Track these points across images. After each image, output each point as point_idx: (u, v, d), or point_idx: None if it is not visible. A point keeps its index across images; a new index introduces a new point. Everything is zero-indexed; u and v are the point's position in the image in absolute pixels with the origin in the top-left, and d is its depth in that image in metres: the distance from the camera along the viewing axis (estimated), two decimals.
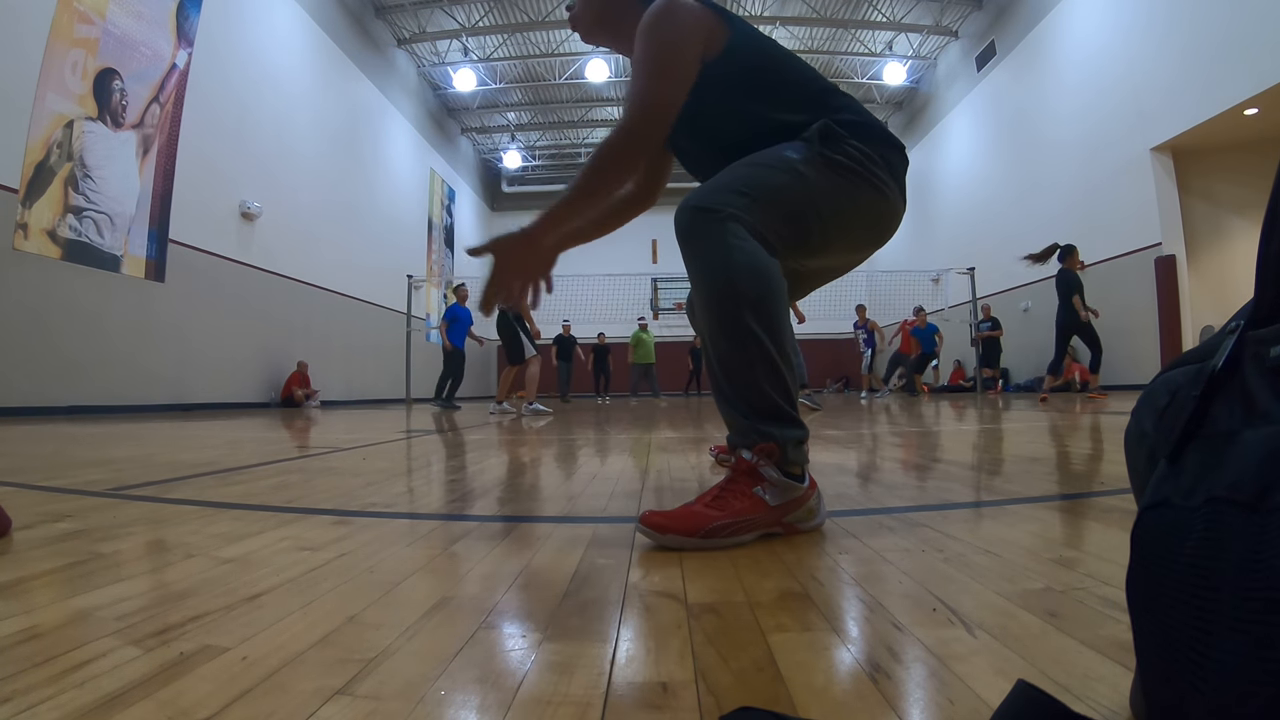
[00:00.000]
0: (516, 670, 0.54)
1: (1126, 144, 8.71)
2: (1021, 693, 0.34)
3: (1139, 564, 0.34)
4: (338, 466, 2.11)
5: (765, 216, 1.04)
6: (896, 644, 0.58)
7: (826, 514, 1.12)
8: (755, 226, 1.03)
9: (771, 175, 1.07)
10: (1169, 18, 7.97)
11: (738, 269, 1.00)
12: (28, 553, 0.96)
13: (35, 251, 5.84)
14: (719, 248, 1.01)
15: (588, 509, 1.33)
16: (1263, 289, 0.34)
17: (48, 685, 0.50)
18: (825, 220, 1.10)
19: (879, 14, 13.00)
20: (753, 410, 1.03)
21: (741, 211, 1.02)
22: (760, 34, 1.22)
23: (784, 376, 1.03)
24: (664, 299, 18.00)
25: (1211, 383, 0.34)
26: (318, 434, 3.78)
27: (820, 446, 2.52)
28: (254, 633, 0.62)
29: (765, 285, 1.01)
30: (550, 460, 2.29)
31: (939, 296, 12.93)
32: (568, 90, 15.98)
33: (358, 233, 11.53)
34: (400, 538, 1.06)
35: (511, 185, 19.51)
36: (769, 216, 1.04)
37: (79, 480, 1.75)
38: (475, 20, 13.03)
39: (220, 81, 8.14)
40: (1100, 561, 0.83)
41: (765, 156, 1.10)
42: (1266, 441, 0.29)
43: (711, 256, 1.02)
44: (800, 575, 0.81)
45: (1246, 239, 8.28)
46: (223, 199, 8.26)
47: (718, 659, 0.56)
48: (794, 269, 1.18)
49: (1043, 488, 1.49)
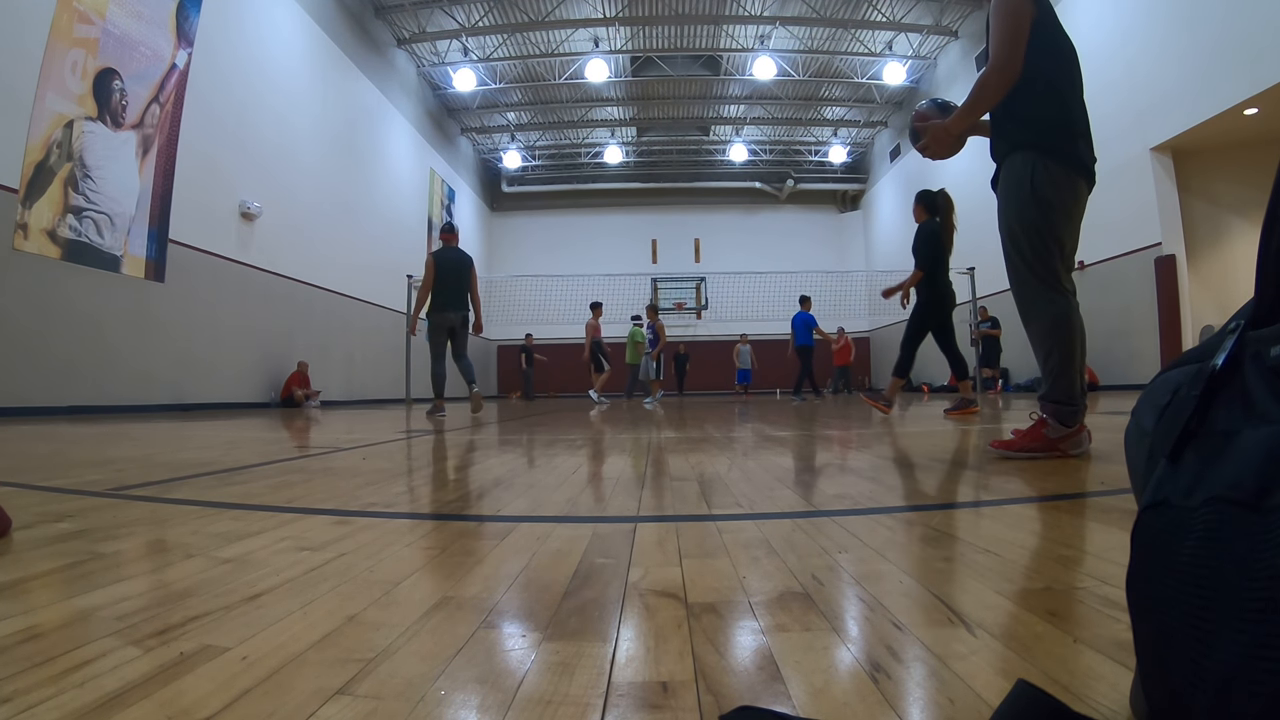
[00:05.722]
0: (516, 670, 0.54)
1: (1126, 144, 8.71)
2: (1021, 692, 0.34)
3: (1139, 564, 0.34)
4: (338, 466, 2.11)
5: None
6: (896, 644, 0.58)
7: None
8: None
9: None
10: (1169, 18, 7.97)
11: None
12: (28, 553, 0.96)
13: (35, 251, 5.83)
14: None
15: (587, 509, 1.33)
16: (1263, 289, 0.34)
17: (48, 685, 0.50)
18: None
19: (879, 14, 13.00)
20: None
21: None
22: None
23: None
24: (664, 299, 18.02)
25: (1211, 382, 0.34)
26: (318, 434, 3.78)
27: (821, 446, 2.52)
28: (254, 633, 0.62)
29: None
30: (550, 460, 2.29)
31: None
32: (567, 90, 15.98)
33: (358, 233, 11.54)
34: (400, 538, 1.06)
35: (511, 185, 19.52)
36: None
37: (79, 480, 1.75)
38: (475, 20, 13.03)
39: (220, 81, 8.14)
40: (1100, 561, 0.83)
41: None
42: (1266, 441, 0.29)
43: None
44: (800, 575, 0.81)
45: (1246, 239, 8.28)
46: (223, 199, 8.26)
47: (718, 659, 0.56)
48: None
49: (1043, 488, 1.49)
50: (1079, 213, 2.04)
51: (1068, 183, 1.97)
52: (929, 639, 0.59)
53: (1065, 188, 1.97)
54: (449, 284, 5.76)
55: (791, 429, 3.65)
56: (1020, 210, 2.00)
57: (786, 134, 18.38)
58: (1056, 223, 1.97)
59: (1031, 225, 1.98)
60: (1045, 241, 1.98)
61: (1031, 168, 1.98)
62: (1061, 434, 1.93)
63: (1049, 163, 1.97)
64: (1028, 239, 1.99)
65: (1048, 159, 1.97)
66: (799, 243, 19.32)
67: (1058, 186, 1.96)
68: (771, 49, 13.99)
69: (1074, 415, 1.94)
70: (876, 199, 18.57)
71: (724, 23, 13.37)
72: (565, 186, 19.53)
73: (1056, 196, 1.96)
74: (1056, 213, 1.97)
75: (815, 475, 1.83)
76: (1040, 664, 0.52)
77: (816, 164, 19.38)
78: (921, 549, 0.92)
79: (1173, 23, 7.92)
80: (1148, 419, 0.41)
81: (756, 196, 19.84)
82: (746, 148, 18.50)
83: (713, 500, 1.37)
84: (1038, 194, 1.97)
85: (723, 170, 19.71)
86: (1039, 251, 1.98)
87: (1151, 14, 8.25)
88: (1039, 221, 1.98)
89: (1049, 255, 1.98)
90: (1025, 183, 1.99)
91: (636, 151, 19.14)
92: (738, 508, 1.28)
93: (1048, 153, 1.98)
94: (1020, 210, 2.00)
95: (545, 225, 19.78)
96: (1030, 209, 1.98)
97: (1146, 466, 0.40)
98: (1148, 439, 0.40)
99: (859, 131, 18.04)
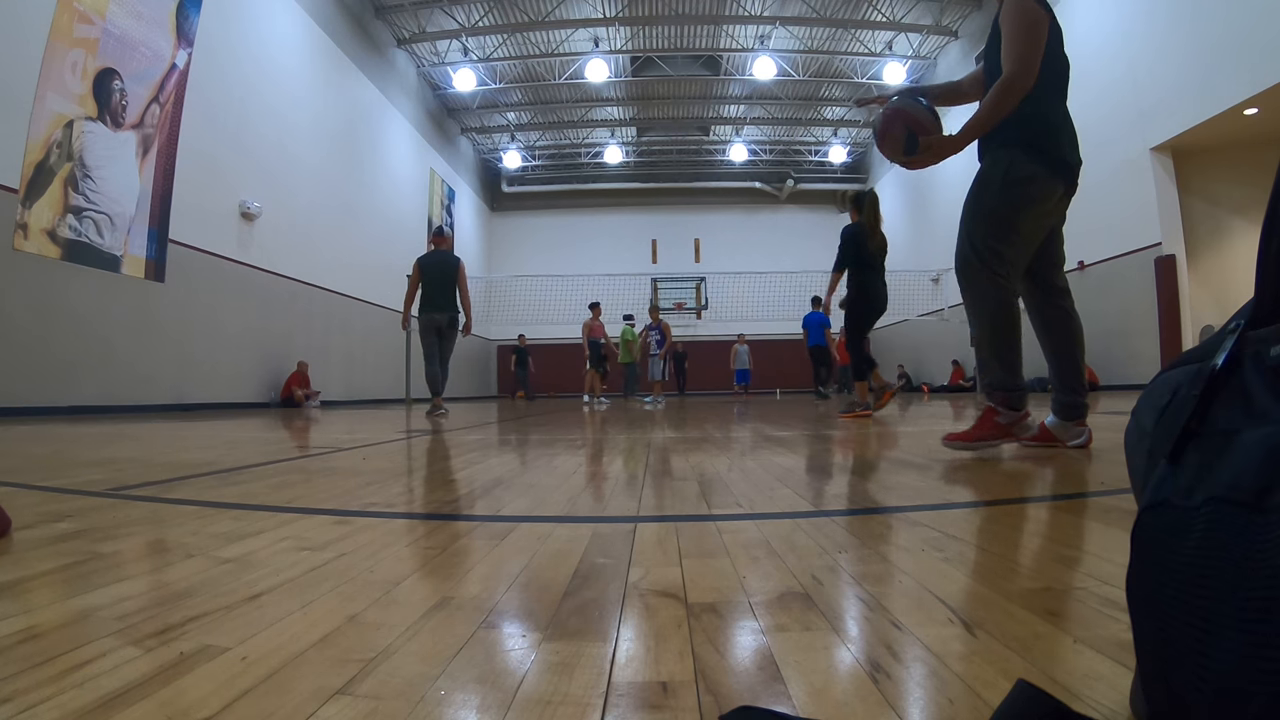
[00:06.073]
0: (516, 670, 0.54)
1: (1126, 144, 8.71)
2: (1021, 692, 0.34)
3: (1139, 564, 0.34)
4: (338, 466, 2.11)
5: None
6: (896, 644, 0.58)
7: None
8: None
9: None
10: (1169, 18, 7.97)
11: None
12: (28, 553, 0.96)
13: (35, 251, 5.84)
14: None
15: (587, 509, 1.33)
16: (1263, 289, 0.34)
17: (48, 685, 0.50)
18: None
19: (879, 14, 12.99)
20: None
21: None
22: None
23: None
24: (664, 299, 18.02)
25: (1211, 382, 0.34)
26: (318, 434, 3.78)
27: (821, 446, 2.52)
28: (254, 633, 0.62)
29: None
30: (550, 460, 2.29)
31: (938, 296, 12.93)
32: (567, 90, 15.98)
33: (357, 233, 11.54)
34: (400, 538, 1.06)
35: (511, 185, 19.52)
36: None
37: (79, 480, 1.75)
38: (475, 20, 13.03)
39: (220, 81, 8.14)
40: (1100, 561, 0.83)
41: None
42: (1266, 441, 0.29)
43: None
44: (800, 575, 0.81)
45: (1246, 239, 8.28)
46: (223, 199, 8.26)
47: (718, 659, 0.56)
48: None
49: (1043, 488, 1.49)
50: (1050, 214, 2.03)
51: (1044, 180, 1.97)
52: (929, 639, 0.59)
53: (1039, 184, 1.96)
54: (435, 286, 5.97)
55: (791, 429, 3.64)
56: (986, 195, 2.00)
57: (786, 134, 18.38)
58: (1020, 213, 1.96)
59: (992, 211, 1.98)
60: (1002, 229, 1.96)
61: (1009, 159, 1.98)
62: (1012, 419, 1.96)
63: (1029, 158, 1.97)
64: (985, 224, 1.98)
65: (1028, 154, 1.97)
66: (799, 243, 19.30)
67: (1032, 180, 1.96)
68: (771, 49, 13.99)
69: (1021, 399, 1.97)
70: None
71: (724, 23, 13.37)
72: (565, 186, 19.52)
73: (1027, 189, 1.95)
74: (1023, 204, 1.95)
75: (815, 475, 1.83)
76: (1040, 664, 0.52)
77: (816, 164, 19.38)
78: (921, 549, 0.92)
79: (1173, 23, 7.92)
80: (1148, 419, 0.41)
81: (756, 196, 19.83)
82: (746, 148, 18.50)
83: (713, 500, 1.37)
84: (1008, 180, 1.96)
85: (723, 170, 19.71)
86: (993, 237, 1.97)
87: (1151, 14, 8.25)
88: (1001, 209, 1.97)
89: (1001, 244, 1.97)
90: (999, 170, 1.99)
91: (636, 151, 19.14)
92: (738, 508, 1.28)
93: (1028, 148, 1.97)
94: (986, 195, 2.00)
95: (545, 225, 19.77)
96: (996, 195, 1.98)
97: (1146, 466, 0.40)
98: (1148, 439, 0.40)
99: (859, 131, 18.03)
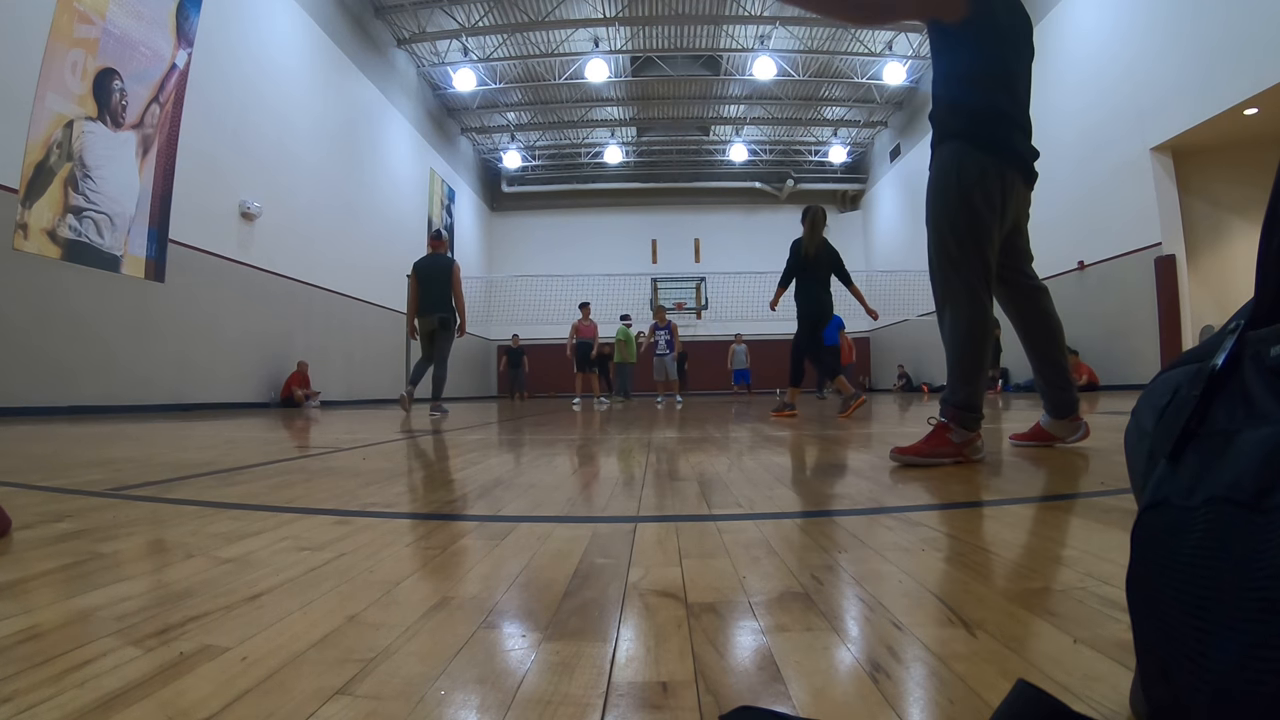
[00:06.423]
0: (516, 670, 0.54)
1: (1126, 144, 8.71)
2: (1021, 692, 0.34)
3: (1139, 564, 0.34)
4: (338, 466, 2.11)
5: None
6: (896, 644, 0.58)
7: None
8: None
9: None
10: (1169, 18, 7.97)
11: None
12: (28, 553, 0.96)
13: (35, 251, 5.83)
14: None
15: (587, 509, 1.33)
16: (1263, 289, 0.34)
17: (48, 685, 0.50)
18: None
19: None
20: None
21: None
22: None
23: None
24: (664, 299, 18.02)
25: (1211, 382, 0.34)
26: (317, 434, 3.78)
27: (820, 446, 2.52)
28: (254, 633, 0.62)
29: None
30: (550, 460, 2.29)
31: None
32: (567, 90, 15.99)
33: (357, 233, 11.54)
34: (400, 537, 1.06)
35: (511, 185, 19.52)
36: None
37: (79, 480, 1.75)
38: (475, 20, 13.03)
39: (220, 81, 8.14)
40: (1100, 561, 0.83)
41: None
42: (1266, 441, 0.29)
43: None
44: (800, 575, 0.81)
45: (1246, 239, 8.28)
46: (223, 199, 8.26)
47: (718, 659, 0.56)
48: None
49: (1043, 488, 1.49)
50: (1014, 208, 1.96)
51: (996, 174, 1.89)
52: (929, 639, 0.59)
53: (993, 179, 1.88)
54: (429, 289, 6.16)
55: (791, 429, 3.65)
56: (945, 205, 1.92)
57: (786, 134, 18.38)
58: (984, 218, 1.88)
59: (959, 222, 1.90)
60: (973, 238, 1.89)
61: (958, 160, 1.90)
62: (965, 438, 1.86)
63: (977, 155, 1.89)
64: (954, 236, 1.90)
65: (976, 149, 1.89)
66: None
67: (985, 179, 1.88)
68: (771, 49, 13.99)
69: (976, 421, 1.88)
70: (876, 199, 18.58)
71: (724, 23, 13.37)
72: (565, 186, 19.53)
73: (983, 191, 1.88)
74: (983, 208, 1.88)
75: (815, 475, 1.83)
76: (1040, 664, 0.52)
77: (816, 164, 19.38)
78: (921, 549, 0.92)
79: (1173, 23, 7.92)
80: (1148, 419, 0.41)
81: (756, 196, 19.83)
82: (746, 148, 18.50)
83: (712, 500, 1.37)
84: (963, 186, 1.88)
85: (723, 170, 19.71)
86: (964, 249, 1.90)
87: (1151, 14, 8.25)
88: (967, 219, 1.89)
89: (973, 254, 1.89)
90: (951, 175, 1.91)
91: (636, 151, 19.14)
92: (738, 508, 1.28)
93: (974, 141, 1.90)
94: (945, 205, 1.92)
95: (545, 225, 19.77)
96: (956, 205, 1.90)
97: (1146, 466, 0.40)
98: (1148, 439, 0.40)
99: (859, 131, 18.04)
